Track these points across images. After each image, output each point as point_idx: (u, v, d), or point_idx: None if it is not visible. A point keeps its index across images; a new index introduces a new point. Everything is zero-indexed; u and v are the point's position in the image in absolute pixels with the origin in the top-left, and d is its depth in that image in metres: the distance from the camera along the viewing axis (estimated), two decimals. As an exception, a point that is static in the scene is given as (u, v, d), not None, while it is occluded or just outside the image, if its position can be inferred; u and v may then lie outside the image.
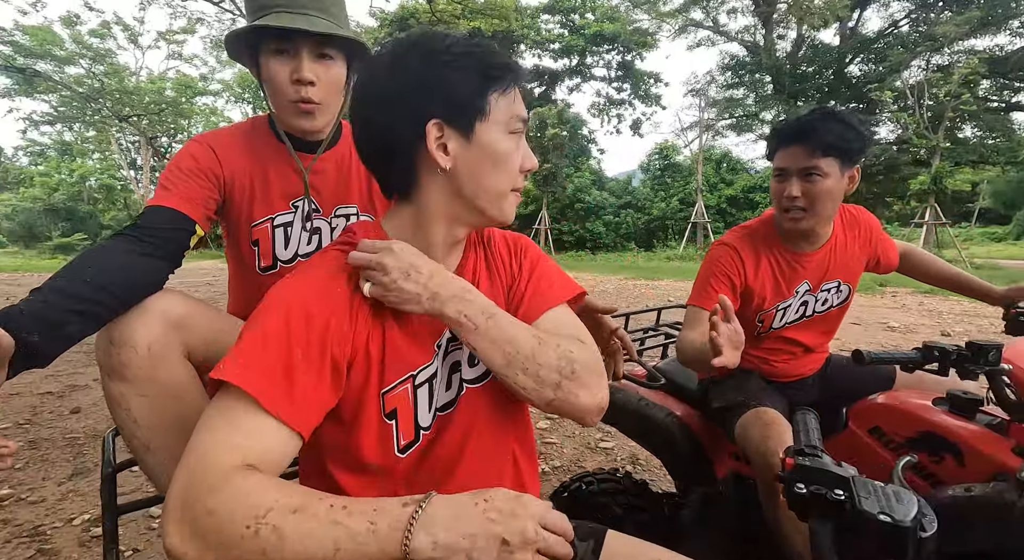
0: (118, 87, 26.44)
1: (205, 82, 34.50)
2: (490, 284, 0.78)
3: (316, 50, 0.95)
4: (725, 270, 1.28)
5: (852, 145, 1.17)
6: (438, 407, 0.72)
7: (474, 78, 0.63)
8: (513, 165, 0.69)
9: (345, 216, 1.08)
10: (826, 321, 1.40)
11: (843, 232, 1.35)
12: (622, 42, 24.51)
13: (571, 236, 18.26)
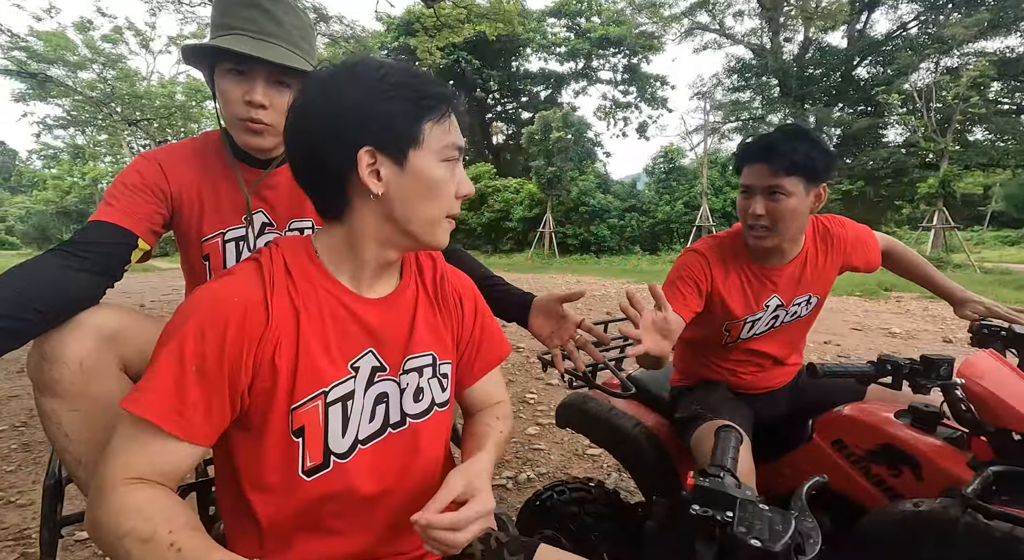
0: (129, 91, 26.86)
1: (215, 86, 34.91)
2: (434, 318, 0.79)
3: (273, 77, 0.96)
4: (693, 275, 1.28)
5: (817, 164, 1.16)
6: (360, 438, 0.71)
7: (409, 108, 0.64)
8: (447, 192, 0.69)
9: (299, 229, 1.08)
10: (793, 330, 1.40)
11: (814, 245, 1.33)
12: (628, 45, 24.51)
13: (575, 239, 18.23)
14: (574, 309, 1.04)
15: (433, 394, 0.77)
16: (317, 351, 0.67)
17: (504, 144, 29.08)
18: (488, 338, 0.86)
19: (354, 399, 0.70)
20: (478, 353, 0.85)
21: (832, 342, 5.13)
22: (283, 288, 0.66)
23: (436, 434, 0.78)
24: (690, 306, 1.25)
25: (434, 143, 0.66)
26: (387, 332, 0.73)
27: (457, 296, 0.83)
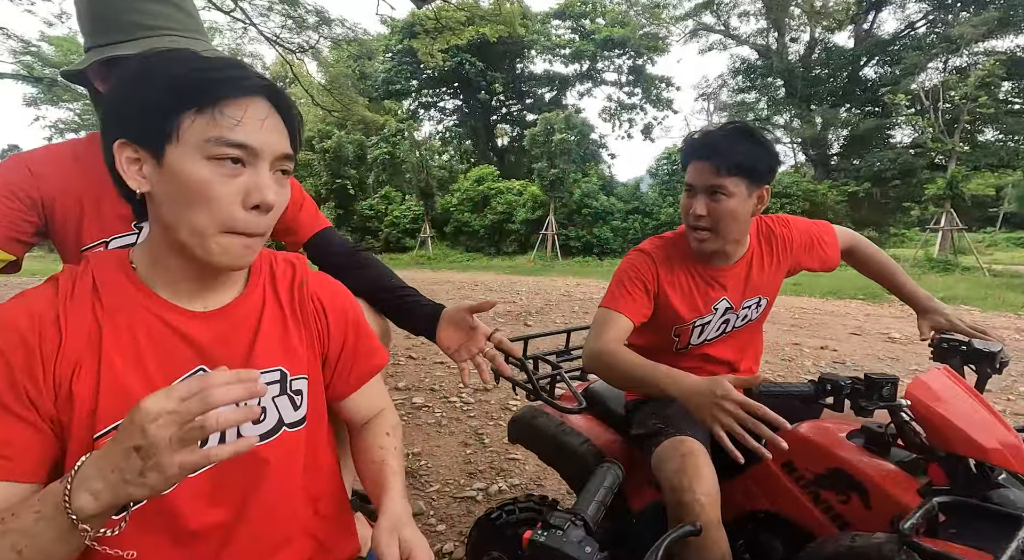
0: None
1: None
2: (286, 329, 0.73)
3: None
4: (640, 275, 1.25)
5: (760, 165, 1.14)
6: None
7: (164, 96, 0.57)
8: (216, 199, 0.59)
9: None
10: (744, 335, 1.36)
11: (759, 246, 1.31)
12: (632, 47, 24.42)
13: (578, 241, 18.13)
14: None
15: (280, 413, 0.70)
16: (127, 372, 0.61)
17: (509, 146, 29.06)
18: (363, 347, 0.81)
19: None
20: (352, 364, 0.80)
21: (828, 347, 5.03)
22: (84, 305, 0.61)
23: (289, 458, 0.71)
24: (639, 308, 1.22)
25: (193, 137, 0.58)
26: (221, 348, 0.67)
27: (319, 305, 0.77)
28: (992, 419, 0.88)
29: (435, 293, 9.45)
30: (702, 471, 1.07)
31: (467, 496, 2.31)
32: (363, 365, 0.82)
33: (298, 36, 15.85)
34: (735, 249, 1.26)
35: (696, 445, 1.14)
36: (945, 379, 0.96)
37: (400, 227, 21.13)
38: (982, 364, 1.07)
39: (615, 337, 1.18)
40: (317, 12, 14.16)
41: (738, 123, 1.21)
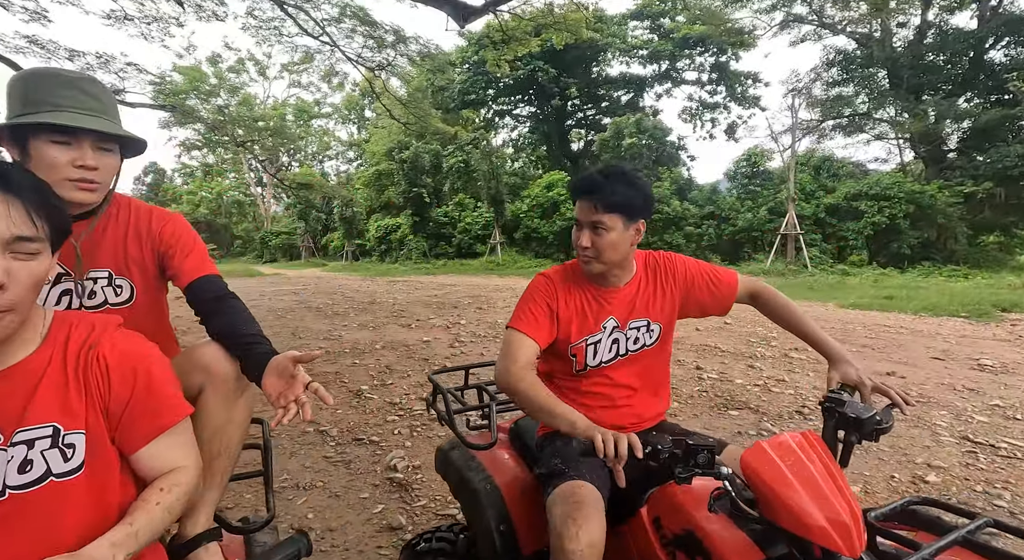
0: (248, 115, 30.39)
1: (319, 106, 38.40)
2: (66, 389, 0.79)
3: (97, 143, 1.08)
4: (543, 296, 1.36)
5: (634, 203, 1.26)
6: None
7: None
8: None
9: (95, 279, 1.16)
10: (643, 361, 1.39)
11: (645, 274, 1.41)
12: (715, 43, 23.26)
13: (649, 248, 17.62)
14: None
15: (49, 464, 0.76)
16: None
17: (583, 151, 28.82)
18: (148, 406, 0.85)
19: None
20: (136, 421, 0.84)
21: (896, 374, 4.51)
22: None
23: (57, 506, 0.76)
24: (543, 329, 1.31)
25: None
26: (21, 394, 0.76)
27: (104, 365, 0.83)
28: (830, 495, 0.81)
29: (493, 300, 9.65)
30: (591, 520, 1.06)
31: (449, 513, 2.38)
32: (148, 423, 0.85)
33: (378, 54, 16.93)
34: (620, 274, 1.37)
35: (590, 492, 1.13)
36: (792, 446, 0.89)
37: (472, 233, 21.73)
38: (850, 430, 0.96)
39: (524, 362, 1.25)
40: (394, 32, 14.99)
41: (615, 166, 1.31)
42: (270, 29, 15.65)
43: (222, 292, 1.16)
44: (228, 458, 1.08)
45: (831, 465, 0.87)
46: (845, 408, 0.96)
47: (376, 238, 24.54)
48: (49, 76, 1.07)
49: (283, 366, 0.98)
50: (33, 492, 0.75)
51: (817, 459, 0.87)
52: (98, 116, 1.07)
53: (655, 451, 0.90)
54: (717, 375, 4.52)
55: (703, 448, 0.87)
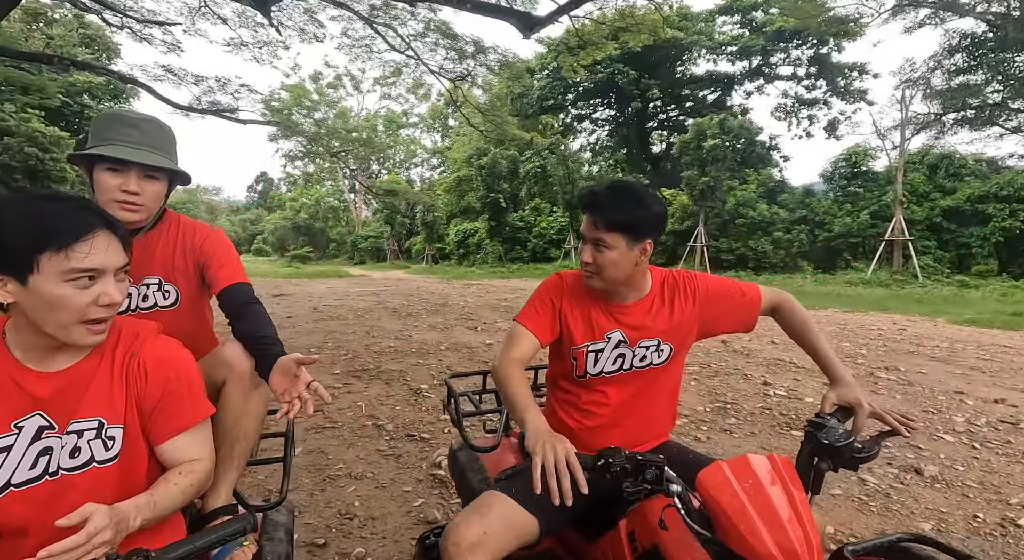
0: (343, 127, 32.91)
1: (407, 117, 40.58)
2: (111, 388, 0.93)
3: (143, 172, 1.27)
4: (551, 294, 1.35)
5: (639, 223, 1.21)
6: (13, 482, 0.86)
7: (23, 240, 0.80)
8: (74, 306, 0.84)
9: (148, 284, 1.36)
10: (647, 379, 1.35)
11: (660, 294, 1.36)
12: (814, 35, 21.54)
13: (731, 254, 16.66)
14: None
15: (93, 453, 0.90)
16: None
17: (664, 153, 27.92)
18: (174, 404, 0.97)
19: (11, 451, 0.86)
20: (166, 418, 0.97)
21: (1006, 401, 3.95)
22: None
23: (96, 487, 0.90)
24: (546, 326, 1.30)
25: (53, 269, 0.81)
26: (57, 398, 0.89)
27: (143, 370, 0.96)
28: (786, 522, 0.80)
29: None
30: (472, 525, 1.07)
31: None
32: (173, 421, 0.98)
33: (459, 65, 17.61)
34: (627, 291, 1.32)
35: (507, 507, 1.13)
36: (753, 468, 0.88)
37: (547, 238, 21.86)
38: (823, 457, 0.91)
39: (518, 355, 1.24)
40: (474, 43, 15.53)
41: (623, 182, 1.26)
42: (362, 47, 16.87)
43: (248, 299, 1.30)
44: (245, 443, 1.23)
45: (795, 491, 0.85)
46: (821, 433, 0.92)
47: (455, 242, 25.42)
48: (116, 116, 1.28)
49: (287, 366, 1.09)
50: (78, 475, 0.90)
51: (779, 484, 0.85)
52: (145, 150, 1.25)
53: (605, 466, 0.90)
54: (786, 392, 4.23)
55: (651, 464, 0.87)
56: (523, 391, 1.15)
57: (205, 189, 59.65)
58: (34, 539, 0.88)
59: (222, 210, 60.09)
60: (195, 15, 13.22)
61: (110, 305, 0.87)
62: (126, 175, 1.26)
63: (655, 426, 1.41)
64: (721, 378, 4.69)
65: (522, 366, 1.23)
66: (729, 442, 3.23)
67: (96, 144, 1.25)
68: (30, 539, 0.88)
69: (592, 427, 1.35)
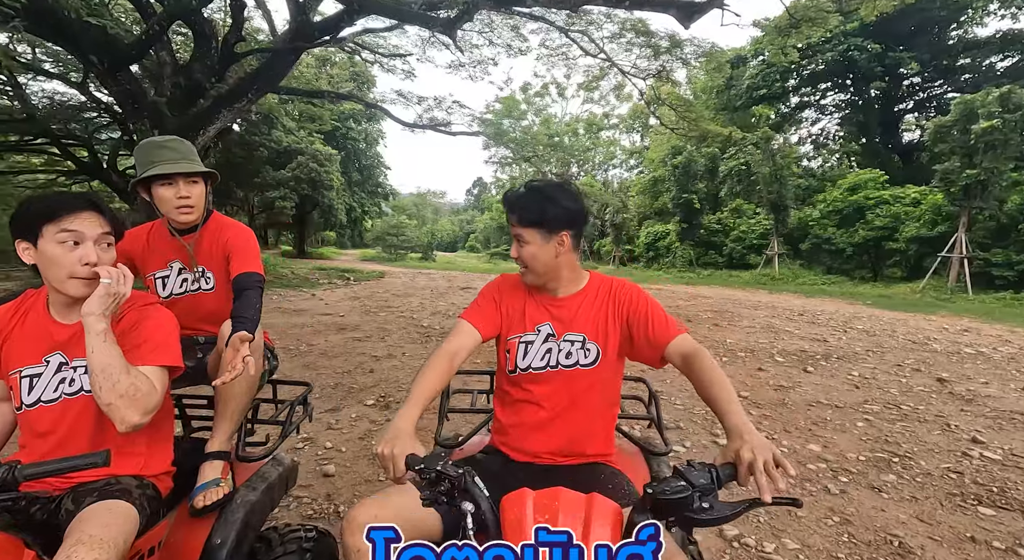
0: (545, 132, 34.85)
1: (607, 119, 40.80)
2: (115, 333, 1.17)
3: (187, 179, 1.59)
4: (492, 291, 1.45)
5: (552, 218, 1.28)
6: (43, 399, 1.17)
7: (35, 216, 1.13)
8: (63, 262, 1.11)
9: (199, 272, 1.67)
10: (576, 383, 1.32)
11: (594, 293, 1.39)
12: None
13: (1009, 270, 12.56)
14: None
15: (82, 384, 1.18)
16: (17, 346, 1.21)
17: (920, 142, 22.37)
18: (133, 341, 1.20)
19: (41, 377, 1.18)
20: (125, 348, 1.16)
21: None
22: (14, 309, 1.25)
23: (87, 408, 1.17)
24: (485, 318, 1.38)
25: (48, 234, 1.11)
26: (71, 342, 1.20)
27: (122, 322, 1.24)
28: None
29: (740, 317, 8.75)
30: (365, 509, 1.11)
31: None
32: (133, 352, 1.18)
33: (654, 62, 17.02)
34: (558, 285, 1.39)
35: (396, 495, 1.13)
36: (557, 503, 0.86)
37: (745, 242, 19.66)
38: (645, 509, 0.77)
39: (450, 347, 1.30)
40: (669, 38, 14.86)
41: (538, 182, 1.31)
42: (558, 55, 17.68)
43: (248, 286, 1.54)
44: (234, 402, 1.47)
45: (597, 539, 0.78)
46: (654, 487, 0.80)
47: (645, 244, 24.70)
48: (151, 143, 1.60)
49: (234, 341, 1.30)
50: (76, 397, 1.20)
51: (580, 526, 0.79)
52: (183, 162, 1.59)
53: (422, 470, 0.91)
54: (1002, 456, 3.17)
55: (446, 478, 0.87)
56: (421, 384, 1.19)
57: (432, 193, 69.46)
58: (52, 438, 1.17)
59: (444, 211, 69.29)
60: (426, 44, 15.69)
61: (89, 264, 1.13)
62: (176, 185, 1.58)
63: (588, 443, 1.35)
64: (906, 424, 3.73)
65: (451, 358, 1.27)
66: (867, 502, 2.61)
67: (147, 169, 1.57)
68: (49, 438, 1.18)
69: (522, 426, 1.36)
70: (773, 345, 6.50)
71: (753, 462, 0.86)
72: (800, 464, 3.01)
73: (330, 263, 21.15)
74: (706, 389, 1.12)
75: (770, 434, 3.47)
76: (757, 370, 5.26)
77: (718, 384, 1.11)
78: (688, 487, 0.79)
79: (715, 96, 24.88)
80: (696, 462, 0.84)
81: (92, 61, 10.38)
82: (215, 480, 1.34)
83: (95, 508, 1.03)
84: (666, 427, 3.53)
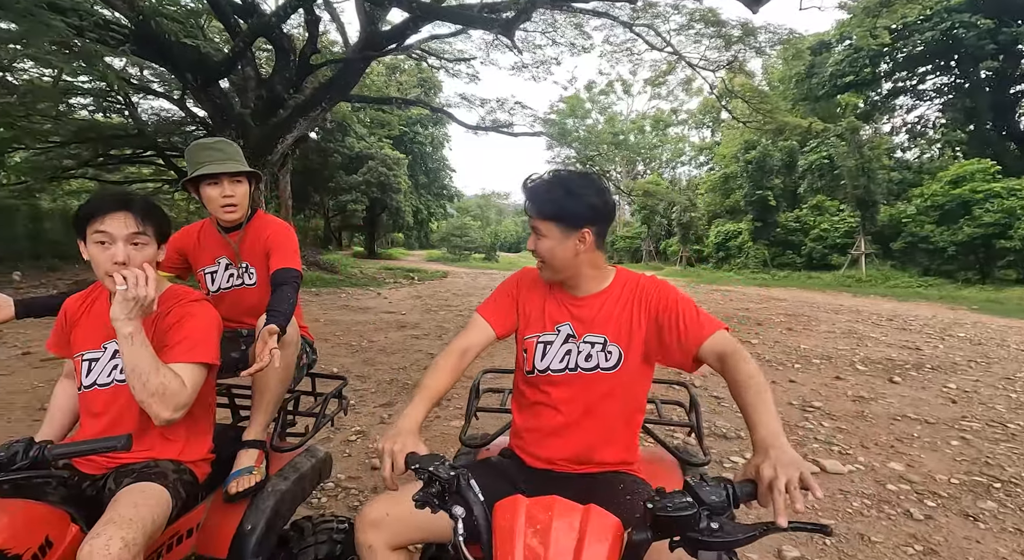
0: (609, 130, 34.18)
1: (675, 114, 39.35)
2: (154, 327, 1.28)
3: (232, 179, 1.66)
4: (510, 286, 1.38)
5: (572, 213, 1.19)
6: (98, 382, 1.28)
7: (82, 218, 1.21)
8: (99, 260, 1.19)
9: (244, 267, 1.75)
10: (596, 388, 1.23)
11: (620, 291, 1.29)
12: None
13: None
14: None
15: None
16: (83, 331, 1.32)
17: (1042, 126, 19.69)
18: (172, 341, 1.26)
19: (98, 361, 1.27)
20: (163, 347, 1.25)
21: None
22: (83, 298, 1.37)
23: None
24: (501, 315, 1.33)
25: (89, 236, 1.20)
26: None
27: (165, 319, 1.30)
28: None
29: (817, 321, 8.15)
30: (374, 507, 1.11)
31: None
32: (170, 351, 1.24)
33: (725, 53, 16.17)
34: (580, 283, 1.29)
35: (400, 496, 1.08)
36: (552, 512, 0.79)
37: (827, 241, 18.22)
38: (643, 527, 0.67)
39: (461, 344, 1.27)
40: (741, 26, 14.07)
41: (560, 173, 1.22)
42: (622, 51, 17.27)
43: (284, 281, 1.61)
44: (270, 393, 1.51)
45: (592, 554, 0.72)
46: (655, 502, 0.72)
47: (715, 244, 23.59)
48: (200, 145, 1.67)
49: (262, 334, 1.34)
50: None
51: (575, 539, 0.73)
52: (228, 163, 1.67)
53: (417, 470, 0.88)
54: None
55: (437, 480, 0.83)
56: (428, 382, 1.17)
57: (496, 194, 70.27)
58: (104, 419, 1.26)
59: (508, 212, 69.82)
60: (489, 47, 15.89)
61: (117, 263, 1.18)
62: (221, 184, 1.66)
63: (606, 450, 1.25)
64: (1013, 445, 3.28)
65: (460, 356, 1.24)
66: (959, 531, 2.30)
67: (195, 169, 1.63)
68: (101, 419, 1.26)
69: (538, 431, 1.28)
70: (855, 352, 5.96)
71: (774, 480, 0.76)
72: (878, 484, 2.72)
73: (397, 263, 21.97)
74: (741, 393, 1.02)
75: (843, 449, 3.16)
76: (834, 379, 4.83)
77: (755, 389, 1.00)
78: (694, 504, 0.70)
79: (794, 86, 23.28)
80: (712, 477, 0.75)
81: (188, 78, 11.44)
82: (248, 468, 1.39)
83: (130, 489, 1.10)
84: (727, 438, 3.37)
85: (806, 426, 3.56)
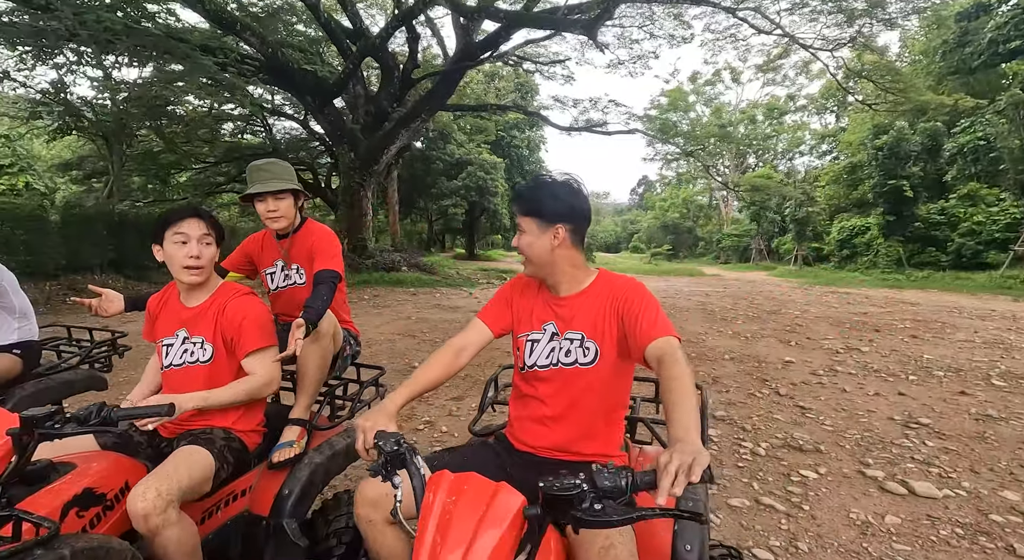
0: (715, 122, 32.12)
1: (792, 101, 35.88)
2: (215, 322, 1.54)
3: (275, 195, 1.86)
4: (506, 290, 1.50)
5: (549, 209, 1.30)
6: (174, 363, 1.55)
7: (162, 225, 1.50)
8: (177, 256, 1.47)
9: (295, 269, 1.98)
10: (576, 384, 1.29)
11: (598, 291, 1.36)
12: None
13: None
14: None
15: (198, 356, 1.54)
16: (161, 322, 1.62)
17: None
18: (242, 336, 1.53)
19: (172, 347, 1.55)
20: (235, 343, 1.54)
21: None
22: (161, 295, 1.67)
23: (194, 376, 1.54)
24: (497, 316, 1.45)
25: (168, 237, 1.48)
26: (191, 320, 1.56)
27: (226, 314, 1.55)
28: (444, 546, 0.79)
29: (955, 327, 7.29)
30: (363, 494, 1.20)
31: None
32: (242, 346, 1.53)
33: (848, 29, 14.46)
34: (561, 282, 1.37)
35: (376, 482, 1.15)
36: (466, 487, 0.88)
37: (982, 236, 15.51)
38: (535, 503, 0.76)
39: (458, 341, 1.40)
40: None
41: (544, 177, 1.33)
42: (725, 38, 16.22)
43: (322, 280, 1.78)
44: (310, 377, 1.71)
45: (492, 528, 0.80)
46: (547, 482, 0.77)
47: (837, 241, 21.18)
48: (254, 166, 1.89)
49: (292, 327, 1.52)
50: (188, 367, 1.56)
51: (477, 514, 0.81)
52: (273, 182, 1.88)
53: (376, 444, 0.98)
54: None
55: (388, 455, 0.93)
56: (417, 374, 1.30)
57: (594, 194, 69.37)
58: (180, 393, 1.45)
59: (606, 212, 68.64)
60: (584, 47, 15.84)
61: (193, 256, 1.48)
62: (266, 200, 1.88)
63: (586, 443, 1.32)
64: None
65: (456, 353, 1.37)
66: None
67: (247, 188, 1.89)
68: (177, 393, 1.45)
69: (526, 419, 1.38)
70: (994, 365, 5.10)
71: (668, 465, 0.78)
72: (979, 513, 2.36)
73: (493, 264, 22.66)
74: (664, 394, 1.04)
75: (944, 472, 2.77)
76: (958, 394, 4.20)
77: (678, 391, 1.01)
78: (580, 485, 0.75)
79: (941, 58, 20.15)
80: (615, 466, 0.79)
81: (308, 101, 12.87)
82: (290, 442, 1.63)
83: (181, 450, 1.37)
84: (803, 450, 3.11)
85: (904, 444, 3.17)
